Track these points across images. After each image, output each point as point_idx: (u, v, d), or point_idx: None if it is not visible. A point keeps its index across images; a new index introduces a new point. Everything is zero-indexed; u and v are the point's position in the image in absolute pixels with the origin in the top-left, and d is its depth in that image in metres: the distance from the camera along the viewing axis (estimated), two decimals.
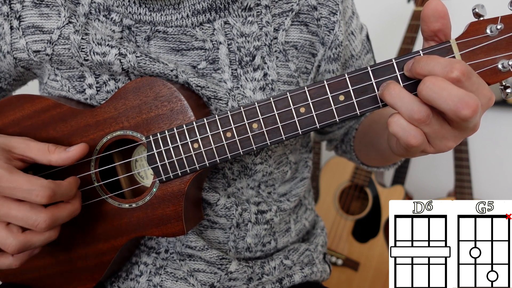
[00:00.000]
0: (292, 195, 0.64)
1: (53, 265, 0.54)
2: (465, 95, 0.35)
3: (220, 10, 0.53)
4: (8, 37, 0.53)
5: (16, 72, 0.57)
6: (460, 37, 0.40)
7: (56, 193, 0.44)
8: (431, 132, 0.38)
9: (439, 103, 0.36)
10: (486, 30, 0.39)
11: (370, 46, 0.66)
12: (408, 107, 0.37)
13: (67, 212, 0.46)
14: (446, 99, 0.35)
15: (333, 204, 1.48)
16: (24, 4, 0.52)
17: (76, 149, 0.48)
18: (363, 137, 0.64)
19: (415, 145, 0.38)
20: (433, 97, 0.36)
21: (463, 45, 0.40)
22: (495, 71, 0.39)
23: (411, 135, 0.38)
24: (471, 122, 0.36)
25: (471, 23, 0.40)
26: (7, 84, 0.61)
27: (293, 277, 0.62)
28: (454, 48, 0.40)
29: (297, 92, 0.44)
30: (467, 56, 0.40)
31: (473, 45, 0.39)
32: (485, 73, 0.40)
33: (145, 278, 0.57)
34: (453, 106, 0.35)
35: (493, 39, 0.39)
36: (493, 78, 0.40)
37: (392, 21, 1.60)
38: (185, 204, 0.49)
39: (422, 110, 0.37)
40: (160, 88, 0.48)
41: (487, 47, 0.39)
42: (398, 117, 0.38)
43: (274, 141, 0.45)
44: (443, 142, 0.40)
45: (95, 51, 0.50)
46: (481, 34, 0.39)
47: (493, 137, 1.56)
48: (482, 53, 0.39)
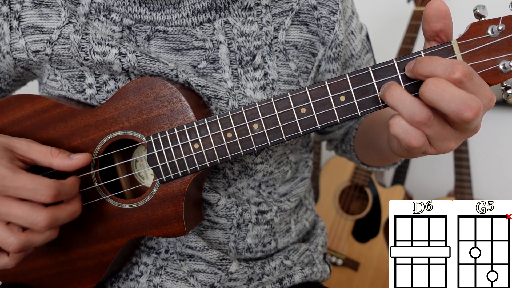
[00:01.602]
0: (292, 195, 0.64)
1: (53, 265, 0.54)
2: (468, 98, 0.35)
3: (220, 10, 0.53)
4: (7, 38, 0.53)
5: (15, 73, 0.57)
6: (461, 37, 0.40)
7: (61, 192, 0.45)
8: (433, 133, 0.38)
9: (441, 105, 0.35)
10: (487, 31, 0.39)
11: (370, 46, 0.66)
12: (409, 109, 0.37)
13: (67, 213, 0.46)
14: (448, 101, 0.35)
15: (333, 204, 1.48)
16: (24, 5, 0.52)
17: (80, 158, 0.48)
18: (363, 137, 0.64)
19: (417, 147, 0.38)
20: (436, 99, 0.36)
21: (464, 46, 0.40)
22: (496, 72, 0.39)
23: (412, 136, 0.38)
24: (472, 124, 0.36)
25: (472, 24, 0.40)
26: (7, 84, 0.61)
27: (293, 277, 0.62)
28: (456, 48, 0.40)
29: (298, 92, 0.44)
30: (468, 57, 0.40)
31: (474, 46, 0.39)
32: (486, 74, 0.39)
33: (145, 279, 0.57)
34: (455, 109, 0.35)
35: (494, 39, 0.39)
36: (494, 79, 0.40)
37: (392, 21, 1.60)
38: (185, 205, 0.49)
39: (423, 112, 0.37)
40: (160, 88, 0.48)
41: (488, 48, 0.39)
42: (399, 119, 0.38)
43: (275, 141, 0.45)
44: (445, 144, 0.39)
45: (95, 51, 0.50)
46: (482, 35, 0.39)
47: (493, 137, 1.56)
48: (483, 54, 0.39)
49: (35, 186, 0.43)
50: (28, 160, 0.47)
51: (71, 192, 0.47)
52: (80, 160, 0.48)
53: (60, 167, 0.47)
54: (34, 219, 0.43)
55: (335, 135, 0.70)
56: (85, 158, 0.48)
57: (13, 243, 0.43)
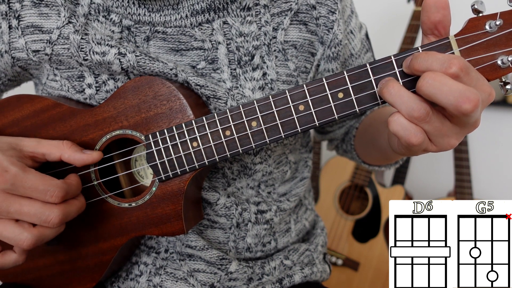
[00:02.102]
0: (292, 195, 0.64)
1: (53, 264, 0.54)
2: (466, 90, 0.35)
3: (219, 10, 0.53)
4: (6, 37, 0.53)
5: (12, 72, 0.57)
6: (459, 33, 0.40)
7: (68, 192, 0.46)
8: (432, 129, 0.38)
9: (440, 98, 0.35)
10: (485, 26, 0.39)
11: (370, 45, 0.65)
12: (408, 105, 0.37)
13: (76, 208, 0.47)
14: (446, 94, 0.35)
15: (333, 204, 1.48)
16: (24, 4, 0.52)
17: (92, 154, 0.49)
18: (363, 136, 0.64)
19: (416, 144, 0.38)
20: (434, 93, 0.36)
21: (462, 41, 0.40)
22: (494, 67, 0.39)
23: (412, 133, 0.38)
24: (472, 117, 0.36)
25: (470, 19, 0.40)
26: (1, 84, 0.61)
27: (293, 277, 0.62)
28: (453, 44, 0.40)
29: (296, 90, 0.44)
30: (466, 53, 0.40)
31: (472, 41, 0.39)
32: (485, 69, 0.39)
33: (145, 278, 0.57)
34: (454, 101, 0.35)
35: (492, 35, 0.39)
36: (493, 74, 0.40)
37: (392, 21, 1.60)
38: (184, 203, 0.49)
39: (422, 108, 0.37)
40: (159, 87, 0.48)
41: (486, 43, 0.39)
42: (398, 116, 0.38)
43: (274, 139, 0.45)
44: (445, 140, 0.39)
45: (95, 51, 0.50)
46: (480, 30, 0.39)
47: (493, 137, 1.56)
48: (482, 49, 0.39)
49: (45, 187, 0.44)
50: (38, 155, 0.48)
51: (76, 191, 0.48)
52: (92, 156, 0.49)
53: (70, 159, 0.48)
54: (47, 216, 0.44)
55: (336, 134, 0.70)
56: (97, 155, 0.49)
57: (27, 239, 0.44)
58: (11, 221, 0.44)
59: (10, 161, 0.44)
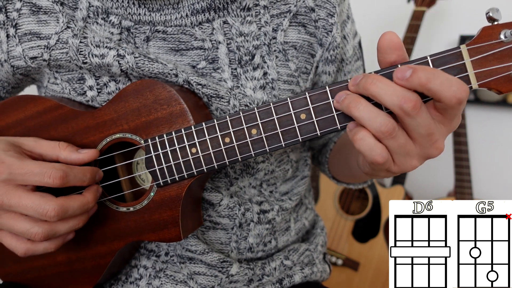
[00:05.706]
0: (293, 194, 0.64)
1: (52, 266, 0.54)
2: (407, 92, 0.36)
3: (219, 10, 0.53)
4: (4, 46, 0.53)
5: (14, 80, 0.58)
6: (471, 42, 0.38)
7: (68, 174, 0.45)
8: (397, 146, 0.38)
9: (384, 98, 0.37)
10: (500, 36, 0.37)
11: (361, 54, 0.65)
12: (377, 120, 0.37)
13: (78, 203, 0.46)
14: (391, 96, 0.36)
15: (333, 204, 1.48)
16: (21, 12, 0.52)
17: (88, 152, 0.49)
18: (337, 153, 0.65)
19: (381, 162, 0.38)
20: (378, 93, 0.37)
21: (474, 51, 0.38)
22: (509, 79, 0.37)
23: (377, 153, 0.38)
24: (431, 139, 0.38)
25: (483, 28, 0.38)
26: (6, 92, 0.61)
27: (293, 277, 0.62)
28: (465, 54, 0.38)
29: (297, 97, 0.43)
30: (479, 63, 0.38)
31: (485, 51, 0.37)
32: (498, 81, 0.38)
33: (144, 282, 0.57)
34: (397, 101, 0.36)
35: (507, 45, 0.37)
36: (507, 86, 0.38)
37: (392, 21, 1.60)
38: (182, 210, 0.49)
39: (390, 123, 0.37)
40: (160, 91, 0.48)
41: (500, 54, 0.37)
42: (364, 133, 0.38)
43: (274, 147, 0.44)
44: (407, 160, 0.39)
45: (94, 54, 0.50)
46: (494, 39, 0.37)
47: (493, 137, 1.56)
48: (495, 60, 0.37)
49: (42, 169, 0.44)
50: (36, 155, 0.48)
51: (81, 177, 0.47)
52: (88, 155, 0.48)
53: (67, 160, 0.48)
54: (44, 208, 0.43)
55: (313, 144, 0.71)
56: (93, 153, 0.49)
57: (39, 232, 0.44)
58: (21, 215, 0.44)
59: (7, 154, 0.44)
